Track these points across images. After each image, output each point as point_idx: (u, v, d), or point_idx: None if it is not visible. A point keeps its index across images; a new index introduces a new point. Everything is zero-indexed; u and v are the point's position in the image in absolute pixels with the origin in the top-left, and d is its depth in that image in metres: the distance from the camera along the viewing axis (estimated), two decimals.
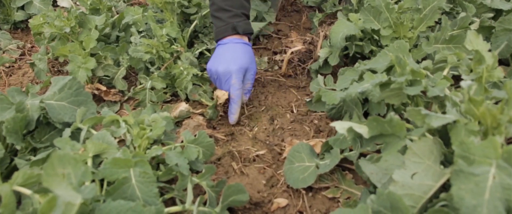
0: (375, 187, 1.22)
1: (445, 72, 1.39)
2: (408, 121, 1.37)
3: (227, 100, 1.84)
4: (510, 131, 0.98)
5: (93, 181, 1.20)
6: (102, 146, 1.25)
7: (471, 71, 1.21)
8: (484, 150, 0.88)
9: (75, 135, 1.41)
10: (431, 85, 1.19)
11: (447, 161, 1.08)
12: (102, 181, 1.23)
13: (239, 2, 1.94)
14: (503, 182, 0.84)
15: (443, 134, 1.14)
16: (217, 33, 1.93)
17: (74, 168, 0.95)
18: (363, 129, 1.11)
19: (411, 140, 1.10)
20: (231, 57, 1.83)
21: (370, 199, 1.01)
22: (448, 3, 2.02)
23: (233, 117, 1.83)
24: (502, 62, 1.89)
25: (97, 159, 1.27)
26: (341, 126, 1.16)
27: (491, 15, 1.92)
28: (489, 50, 1.22)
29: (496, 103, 1.08)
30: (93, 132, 1.37)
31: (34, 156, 1.42)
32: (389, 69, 1.42)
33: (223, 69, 1.81)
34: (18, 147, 1.41)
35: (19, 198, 1.21)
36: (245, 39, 1.94)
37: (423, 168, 1.02)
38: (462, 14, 1.79)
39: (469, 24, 1.76)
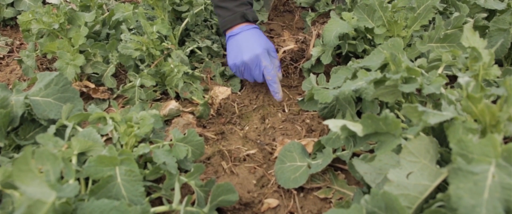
0: (368, 187, 1.19)
1: (439, 71, 1.37)
2: (402, 121, 1.34)
3: (226, 98, 1.88)
4: (509, 129, 0.95)
5: (78, 179, 1.16)
6: (88, 143, 1.21)
7: (467, 69, 1.19)
8: (483, 148, 0.85)
9: (60, 132, 1.37)
10: (426, 83, 1.16)
11: (443, 161, 1.05)
12: (87, 179, 1.19)
13: None
14: (503, 182, 0.81)
15: (438, 133, 1.11)
16: (226, 23, 1.94)
17: (53, 164, 0.91)
18: (357, 127, 1.08)
19: (406, 139, 1.07)
20: (252, 42, 1.86)
21: (364, 199, 0.97)
22: (441, 3, 2.00)
23: (279, 95, 1.88)
24: (496, 63, 1.87)
25: (82, 157, 1.23)
26: (334, 124, 1.13)
27: (485, 15, 1.90)
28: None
29: (493, 102, 1.06)
30: (79, 129, 1.33)
31: (18, 153, 1.39)
32: (383, 67, 1.39)
33: (249, 57, 1.84)
34: (1, 144, 1.38)
35: (0, 196, 1.17)
36: (252, 24, 1.97)
37: (419, 168, 0.99)
38: (456, 14, 1.77)
39: (463, 23, 1.74)
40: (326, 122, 1.16)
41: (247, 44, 1.87)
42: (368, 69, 1.38)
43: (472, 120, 0.98)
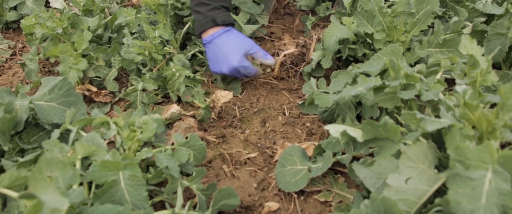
0: (368, 191, 1.21)
1: (438, 76, 1.38)
2: (401, 124, 1.36)
3: (227, 102, 1.92)
4: (506, 136, 0.97)
5: (81, 184, 1.18)
6: (91, 148, 1.23)
7: (465, 75, 1.20)
8: (480, 154, 0.87)
9: (64, 137, 1.39)
10: (425, 89, 1.18)
11: (441, 166, 1.07)
12: (90, 184, 1.21)
13: None
14: (500, 187, 0.83)
15: (437, 138, 1.13)
16: (198, 27, 1.98)
17: (62, 172, 0.93)
18: (357, 133, 1.10)
19: (405, 144, 1.09)
20: (226, 53, 1.91)
21: (363, 204, 0.99)
22: (440, 7, 2.02)
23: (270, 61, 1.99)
24: (494, 66, 1.90)
25: (86, 161, 1.25)
26: (334, 129, 1.15)
27: (483, 19, 1.92)
28: (483, 55, 1.22)
29: (491, 107, 1.07)
30: (83, 133, 1.35)
31: (22, 157, 1.40)
32: (382, 73, 1.41)
33: (228, 70, 1.92)
34: (5, 148, 1.39)
35: (4, 200, 1.19)
36: (223, 27, 1.98)
37: (417, 173, 1.01)
38: (455, 18, 1.79)
39: (462, 28, 1.76)
40: (326, 127, 1.18)
41: (222, 54, 1.92)
42: (367, 75, 1.40)
43: (469, 126, 1.00)
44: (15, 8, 2.75)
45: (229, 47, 1.93)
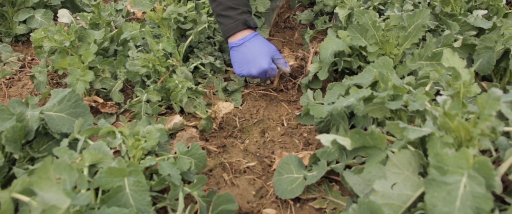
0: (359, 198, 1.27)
1: (427, 88, 1.45)
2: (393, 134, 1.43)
3: (228, 113, 2.00)
4: (483, 144, 1.04)
5: (88, 189, 1.25)
6: (98, 156, 1.30)
7: (450, 86, 1.27)
8: (457, 160, 0.94)
9: (72, 145, 1.45)
10: (412, 100, 1.25)
11: (426, 172, 1.14)
12: (97, 190, 1.28)
13: (243, 0, 2.07)
14: (474, 191, 0.90)
15: (424, 146, 1.20)
16: (228, 30, 2.04)
17: (70, 175, 1.00)
18: (346, 141, 1.17)
19: (393, 152, 1.16)
20: (257, 55, 2.00)
21: (351, 208, 1.06)
22: (433, 20, 2.09)
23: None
24: (485, 78, 1.96)
25: (93, 169, 1.31)
26: (325, 139, 1.22)
27: (474, 33, 1.99)
28: (467, 67, 1.28)
29: None
30: (90, 142, 1.42)
31: (32, 165, 1.47)
32: (373, 85, 1.48)
33: (257, 71, 1.99)
34: (16, 156, 1.46)
35: (16, 205, 1.25)
36: (253, 31, 2.08)
37: (402, 179, 1.08)
38: (446, 32, 1.86)
39: (453, 41, 1.83)
40: (318, 137, 1.25)
41: (252, 57, 1.99)
42: (359, 87, 1.46)
43: (449, 135, 1.07)
44: (24, 22, 2.84)
45: (259, 50, 2.01)
